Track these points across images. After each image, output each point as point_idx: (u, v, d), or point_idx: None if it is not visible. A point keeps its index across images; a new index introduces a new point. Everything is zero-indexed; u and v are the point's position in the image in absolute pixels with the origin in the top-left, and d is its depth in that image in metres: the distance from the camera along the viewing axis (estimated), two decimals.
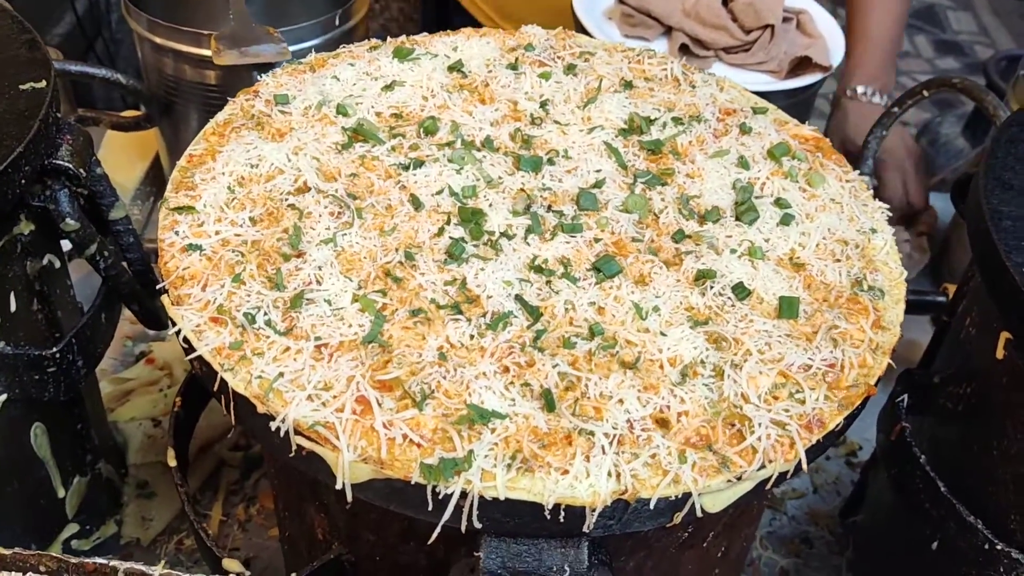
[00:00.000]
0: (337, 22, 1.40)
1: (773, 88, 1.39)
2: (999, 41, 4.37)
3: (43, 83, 0.93)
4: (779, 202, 0.89)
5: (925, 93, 1.41)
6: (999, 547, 0.85)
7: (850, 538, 1.29)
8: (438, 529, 0.67)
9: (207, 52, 1.37)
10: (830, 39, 1.47)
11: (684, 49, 1.42)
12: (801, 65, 1.42)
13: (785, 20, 1.45)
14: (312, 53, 1.06)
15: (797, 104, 1.43)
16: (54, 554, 0.74)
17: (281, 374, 0.71)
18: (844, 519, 1.30)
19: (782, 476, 0.72)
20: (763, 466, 0.70)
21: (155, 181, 1.68)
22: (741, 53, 1.42)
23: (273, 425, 0.69)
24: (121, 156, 1.68)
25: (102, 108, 1.79)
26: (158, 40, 1.38)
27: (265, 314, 0.75)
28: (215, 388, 0.73)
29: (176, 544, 1.21)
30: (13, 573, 0.73)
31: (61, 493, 1.09)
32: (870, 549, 1.23)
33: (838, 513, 1.31)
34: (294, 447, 0.69)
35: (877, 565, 1.20)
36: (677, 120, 0.98)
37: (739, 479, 0.69)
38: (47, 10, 2.36)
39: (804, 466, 0.71)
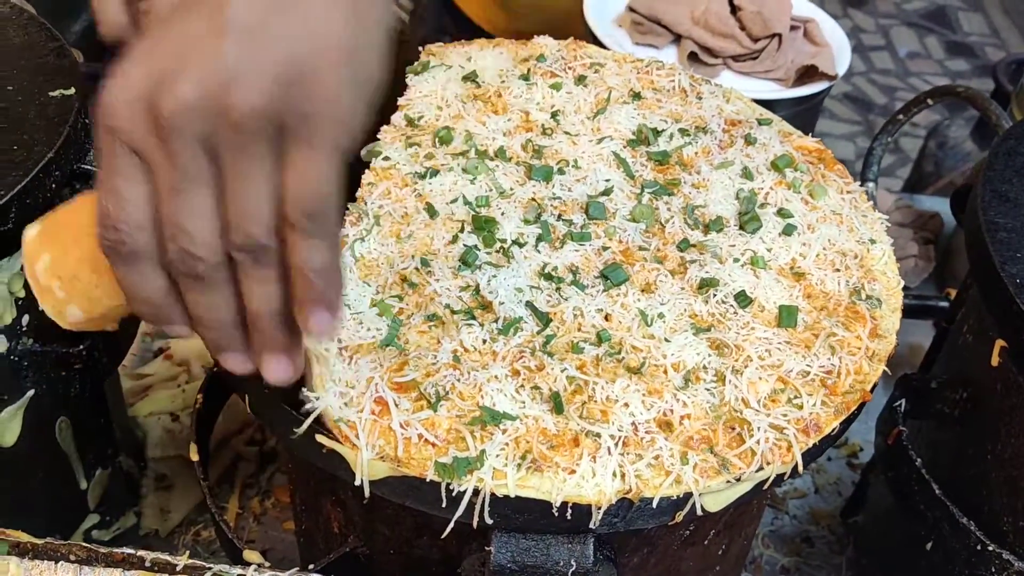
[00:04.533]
0: None
1: (780, 96, 1.42)
2: (1010, 42, 4.37)
3: (72, 90, 0.97)
4: (782, 212, 0.92)
5: (930, 101, 1.44)
6: (991, 548, 0.88)
7: (850, 538, 1.32)
8: (451, 524, 0.71)
9: None
10: (836, 48, 1.50)
11: (693, 57, 1.45)
12: (808, 73, 1.44)
13: (793, 29, 1.48)
14: None
15: (803, 111, 1.45)
16: (83, 544, 0.77)
17: None
18: (845, 519, 1.33)
19: (779, 478, 0.75)
20: (761, 468, 0.73)
21: None
22: (749, 61, 1.45)
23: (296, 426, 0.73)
24: None
25: None
26: None
27: None
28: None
29: (193, 535, 1.25)
30: (45, 562, 0.76)
31: (83, 485, 1.13)
32: (870, 548, 1.26)
33: (839, 513, 1.34)
34: (319, 445, 0.73)
35: (876, 564, 1.23)
36: (684, 131, 1.00)
37: (738, 480, 0.72)
38: (65, 6, 2.38)
39: (800, 468, 0.74)
